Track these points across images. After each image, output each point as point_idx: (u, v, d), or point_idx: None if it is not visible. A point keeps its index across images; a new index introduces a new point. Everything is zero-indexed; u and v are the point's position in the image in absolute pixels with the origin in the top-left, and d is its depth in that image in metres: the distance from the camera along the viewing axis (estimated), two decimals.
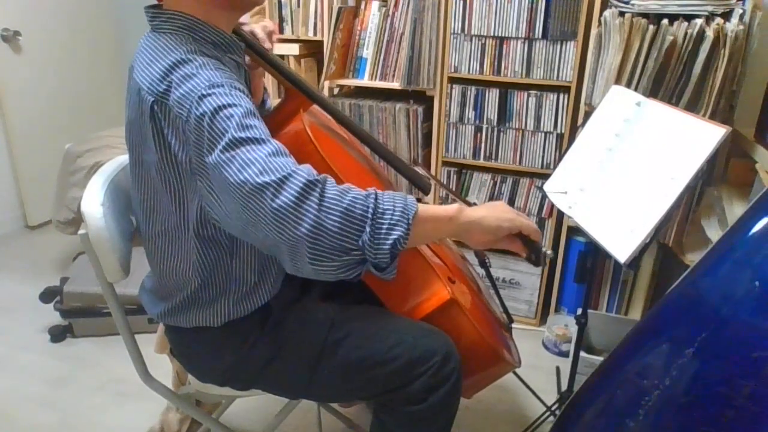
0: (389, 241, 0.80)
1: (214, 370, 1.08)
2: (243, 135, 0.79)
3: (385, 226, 0.80)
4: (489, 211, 0.92)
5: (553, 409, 1.63)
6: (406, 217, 0.81)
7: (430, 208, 0.87)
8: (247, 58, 1.09)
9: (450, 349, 1.03)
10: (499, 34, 1.94)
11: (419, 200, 0.90)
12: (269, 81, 2.12)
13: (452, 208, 0.89)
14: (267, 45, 1.11)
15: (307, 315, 1.08)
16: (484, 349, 1.11)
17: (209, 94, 0.82)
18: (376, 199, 0.82)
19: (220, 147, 0.79)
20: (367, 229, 0.79)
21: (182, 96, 0.82)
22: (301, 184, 0.77)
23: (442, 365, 1.01)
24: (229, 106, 0.81)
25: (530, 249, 0.96)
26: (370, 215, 0.79)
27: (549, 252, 0.98)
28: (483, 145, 2.09)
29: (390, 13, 2.08)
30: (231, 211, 0.82)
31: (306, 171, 0.80)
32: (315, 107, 1.19)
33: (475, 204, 1.44)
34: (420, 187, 1.22)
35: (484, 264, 1.40)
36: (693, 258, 1.64)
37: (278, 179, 0.77)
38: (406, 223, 0.81)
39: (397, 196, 0.84)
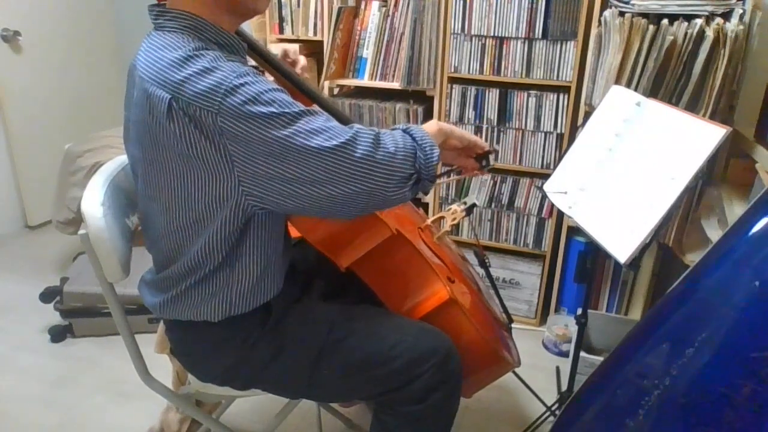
0: (435, 157, 0.95)
1: (214, 370, 1.08)
2: (295, 110, 0.85)
3: (427, 148, 0.95)
4: (454, 126, 1.11)
5: (553, 409, 1.63)
6: (429, 137, 0.98)
7: (427, 126, 1.03)
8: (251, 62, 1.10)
9: (450, 348, 1.04)
10: (499, 34, 1.94)
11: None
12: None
13: (434, 122, 1.06)
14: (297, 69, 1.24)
15: (307, 315, 1.08)
16: (483, 349, 1.11)
17: (242, 84, 0.83)
18: (407, 130, 0.97)
19: (277, 125, 0.83)
20: (419, 153, 0.93)
21: (208, 89, 0.82)
22: (372, 135, 0.89)
23: (442, 365, 1.01)
24: (267, 91, 0.84)
25: (482, 159, 1.16)
26: (417, 143, 0.94)
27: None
28: None
29: (390, 13, 2.08)
30: (297, 177, 0.85)
31: (360, 125, 0.91)
32: (315, 107, 1.20)
33: (474, 204, 1.45)
34: None
35: (483, 264, 1.40)
36: (693, 258, 1.64)
37: (350, 137, 0.87)
38: (433, 140, 0.98)
39: (411, 126, 0.99)
